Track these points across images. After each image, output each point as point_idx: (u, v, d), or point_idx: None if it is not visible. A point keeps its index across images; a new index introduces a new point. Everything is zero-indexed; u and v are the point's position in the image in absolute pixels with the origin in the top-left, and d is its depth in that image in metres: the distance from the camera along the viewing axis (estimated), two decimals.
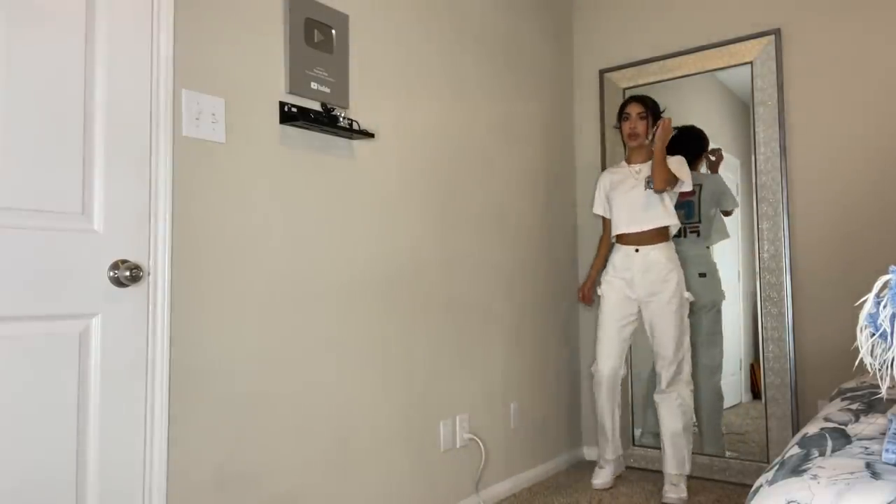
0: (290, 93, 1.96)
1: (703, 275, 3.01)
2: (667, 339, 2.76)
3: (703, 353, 3.03)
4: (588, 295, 3.08)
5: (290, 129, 1.97)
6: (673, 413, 2.77)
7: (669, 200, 2.83)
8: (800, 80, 2.86)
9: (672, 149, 2.87)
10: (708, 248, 3.01)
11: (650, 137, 2.82)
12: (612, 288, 2.87)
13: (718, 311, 3.02)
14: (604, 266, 2.98)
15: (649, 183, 2.79)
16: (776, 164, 2.86)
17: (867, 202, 2.70)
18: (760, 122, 2.91)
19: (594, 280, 3.05)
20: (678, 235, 3.00)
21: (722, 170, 3.07)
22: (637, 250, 2.81)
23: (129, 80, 1.59)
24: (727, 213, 3.02)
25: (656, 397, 2.83)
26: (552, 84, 3.29)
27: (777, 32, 2.88)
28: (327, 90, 2.05)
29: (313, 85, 2.01)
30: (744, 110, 3.00)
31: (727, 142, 3.07)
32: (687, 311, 2.81)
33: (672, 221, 2.81)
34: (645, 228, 2.80)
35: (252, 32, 1.87)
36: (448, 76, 2.61)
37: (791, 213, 2.85)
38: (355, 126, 2.11)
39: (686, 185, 2.78)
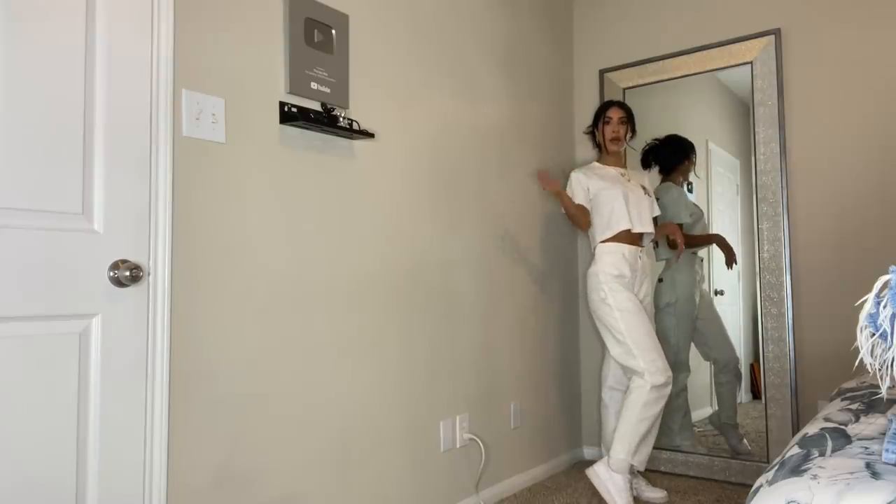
0: (290, 93, 1.96)
1: (661, 280, 3.16)
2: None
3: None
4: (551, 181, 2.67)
5: (290, 129, 1.97)
6: None
7: None
8: (800, 80, 2.86)
9: (653, 159, 3.18)
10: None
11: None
12: (623, 288, 2.68)
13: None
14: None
15: (646, 192, 2.83)
16: (776, 164, 2.86)
17: (867, 202, 2.70)
18: (760, 122, 2.91)
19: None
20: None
21: (722, 170, 3.07)
22: (640, 252, 2.77)
23: (129, 80, 1.59)
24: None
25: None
26: (552, 84, 3.29)
27: (777, 32, 2.88)
28: (327, 90, 2.05)
29: (313, 85, 2.01)
30: (744, 110, 3.00)
31: (727, 142, 3.07)
32: None
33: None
34: (649, 230, 2.78)
35: (252, 32, 1.87)
36: (448, 76, 2.61)
37: (791, 213, 2.85)
38: (355, 126, 2.11)
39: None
